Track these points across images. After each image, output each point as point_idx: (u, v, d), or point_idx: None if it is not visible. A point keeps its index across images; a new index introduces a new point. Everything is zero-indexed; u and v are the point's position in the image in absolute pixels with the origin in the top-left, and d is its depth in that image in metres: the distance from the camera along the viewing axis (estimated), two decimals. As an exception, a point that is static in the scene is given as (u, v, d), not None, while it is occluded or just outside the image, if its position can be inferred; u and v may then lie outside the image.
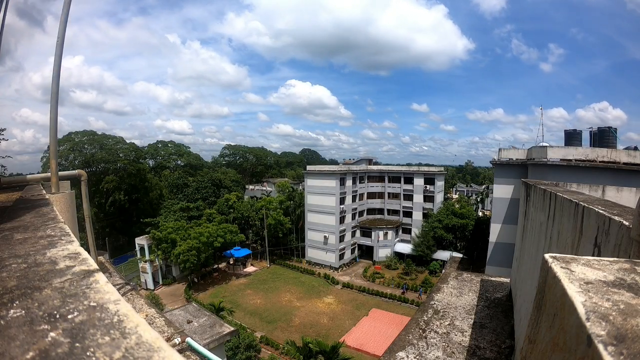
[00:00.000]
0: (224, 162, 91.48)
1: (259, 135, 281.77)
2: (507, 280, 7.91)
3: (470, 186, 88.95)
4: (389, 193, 54.58)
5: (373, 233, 49.50)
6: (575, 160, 17.04)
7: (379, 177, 55.19)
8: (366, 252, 51.07)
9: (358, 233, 51.45)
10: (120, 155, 60.00)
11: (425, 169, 54.59)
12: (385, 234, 49.31)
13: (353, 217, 50.77)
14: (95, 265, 0.96)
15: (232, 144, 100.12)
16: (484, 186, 67.19)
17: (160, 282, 42.11)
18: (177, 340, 4.86)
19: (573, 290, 0.71)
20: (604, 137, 24.07)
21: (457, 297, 6.78)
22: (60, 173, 4.62)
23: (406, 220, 52.03)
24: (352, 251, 50.82)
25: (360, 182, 52.54)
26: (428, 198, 50.71)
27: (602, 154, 16.74)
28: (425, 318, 5.80)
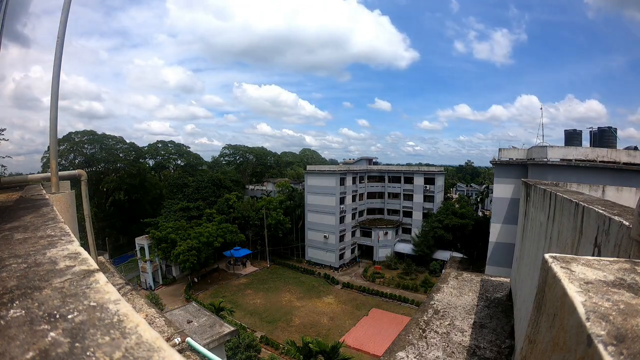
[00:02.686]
0: (224, 162, 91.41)
1: (242, 135, 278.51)
2: (507, 280, 7.91)
3: (470, 186, 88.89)
4: (389, 193, 54.58)
5: (373, 233, 49.51)
6: (575, 160, 17.04)
7: (379, 177, 55.19)
8: (366, 252, 51.08)
9: (358, 233, 51.46)
10: (120, 155, 60.04)
11: (425, 168, 54.61)
12: (385, 234, 49.32)
13: (353, 217, 50.77)
14: (95, 265, 0.96)
15: (232, 144, 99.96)
16: (484, 186, 67.13)
17: (160, 282, 42.13)
18: (177, 340, 4.85)
19: (573, 290, 0.71)
20: (603, 137, 24.06)
21: (457, 297, 6.78)
22: (60, 173, 4.62)
23: (406, 220, 52.04)
24: (352, 251, 50.83)
25: (360, 182, 52.55)
26: (428, 198, 50.72)
27: (602, 154, 16.74)
28: (425, 318, 5.80)
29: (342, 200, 47.99)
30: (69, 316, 0.64)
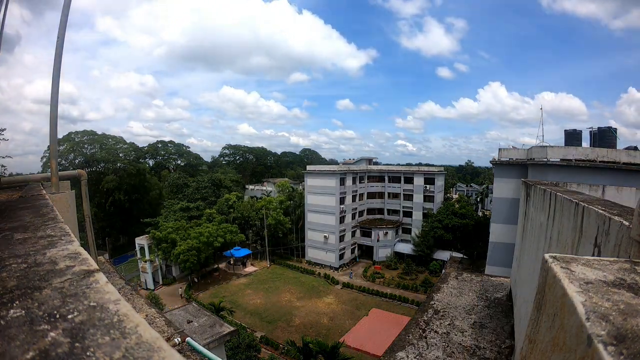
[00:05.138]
0: (224, 162, 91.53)
1: (227, 136, 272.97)
2: (507, 280, 7.92)
3: (470, 186, 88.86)
4: (389, 193, 54.58)
5: (373, 233, 49.51)
6: (575, 160, 17.03)
7: (379, 177, 55.21)
8: (366, 252, 51.07)
9: (358, 233, 51.46)
10: (120, 155, 60.12)
11: (425, 168, 54.60)
12: (385, 234, 49.32)
13: (353, 217, 50.77)
14: (95, 265, 0.96)
15: (232, 144, 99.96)
16: (483, 186, 67.14)
17: (160, 282, 42.13)
18: (177, 340, 4.86)
19: (573, 290, 0.71)
20: (603, 137, 24.05)
21: (457, 297, 6.78)
22: (60, 173, 4.62)
23: (406, 220, 52.03)
24: (352, 251, 50.83)
25: (360, 182, 52.55)
26: (428, 198, 50.72)
27: (602, 154, 16.72)
28: (425, 318, 5.80)
29: (342, 200, 47.98)
30: (69, 316, 0.64)
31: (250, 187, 70.75)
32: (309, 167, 53.20)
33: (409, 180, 52.17)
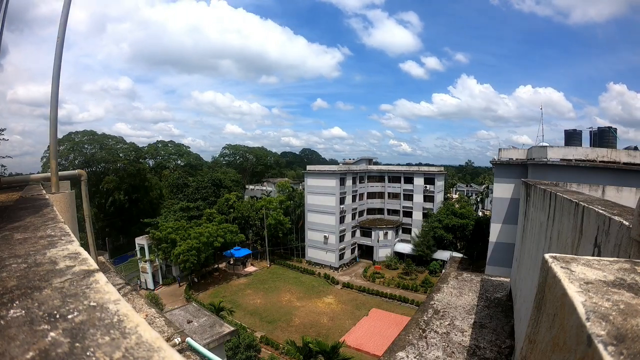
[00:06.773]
0: (224, 162, 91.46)
1: (218, 136, 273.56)
2: (507, 280, 7.92)
3: (470, 186, 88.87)
4: (389, 193, 54.59)
5: (373, 233, 49.51)
6: (575, 160, 17.03)
7: (379, 177, 55.21)
8: (366, 252, 51.08)
9: (358, 233, 51.46)
10: (120, 155, 60.05)
11: (425, 169, 54.60)
12: (385, 234, 49.32)
13: (353, 217, 50.77)
14: (95, 265, 0.96)
15: (232, 144, 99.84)
16: (483, 186, 67.14)
17: (160, 282, 42.12)
18: (177, 340, 4.86)
19: (573, 290, 0.71)
20: (603, 137, 24.08)
21: (457, 297, 6.79)
22: (60, 173, 4.62)
23: (406, 220, 52.03)
24: (352, 251, 50.83)
25: (360, 182, 52.56)
26: (428, 198, 50.73)
27: (602, 154, 16.72)
28: (425, 318, 5.80)
29: (342, 201, 47.99)
30: (69, 316, 0.64)
31: (250, 187, 70.73)
32: (309, 167, 53.20)
33: (409, 181, 52.18)
